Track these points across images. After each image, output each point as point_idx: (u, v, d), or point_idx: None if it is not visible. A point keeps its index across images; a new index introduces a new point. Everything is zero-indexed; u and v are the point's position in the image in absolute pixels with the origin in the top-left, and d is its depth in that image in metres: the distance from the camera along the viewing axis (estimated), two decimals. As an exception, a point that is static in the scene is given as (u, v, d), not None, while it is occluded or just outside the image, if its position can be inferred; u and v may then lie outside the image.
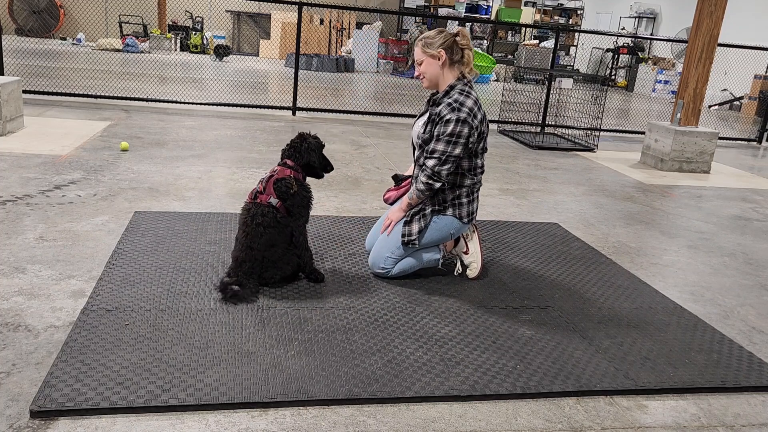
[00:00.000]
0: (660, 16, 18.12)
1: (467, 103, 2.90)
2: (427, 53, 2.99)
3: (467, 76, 3.02)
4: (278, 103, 8.69)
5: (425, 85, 3.06)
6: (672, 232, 4.41)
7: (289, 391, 2.10)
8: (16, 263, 2.93)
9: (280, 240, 2.84)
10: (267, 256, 2.81)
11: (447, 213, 3.06)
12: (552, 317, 2.84)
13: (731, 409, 2.28)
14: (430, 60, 2.98)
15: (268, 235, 2.79)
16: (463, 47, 2.99)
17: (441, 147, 2.88)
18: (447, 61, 2.98)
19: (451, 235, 3.12)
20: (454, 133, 2.86)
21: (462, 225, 3.10)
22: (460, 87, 2.97)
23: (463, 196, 3.06)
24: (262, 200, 2.84)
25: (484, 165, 3.08)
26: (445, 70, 2.99)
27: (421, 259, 3.12)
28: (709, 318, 3.03)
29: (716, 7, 6.30)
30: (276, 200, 2.83)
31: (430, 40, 2.99)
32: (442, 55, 2.96)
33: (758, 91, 13.66)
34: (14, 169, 4.42)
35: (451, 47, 2.97)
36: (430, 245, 3.12)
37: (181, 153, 5.39)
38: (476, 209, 3.15)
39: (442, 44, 2.96)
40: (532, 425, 2.07)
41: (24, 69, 9.91)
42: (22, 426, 1.86)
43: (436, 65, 2.98)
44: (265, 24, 18.91)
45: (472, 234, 3.26)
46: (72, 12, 17.78)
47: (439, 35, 2.99)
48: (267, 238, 2.79)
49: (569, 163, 6.59)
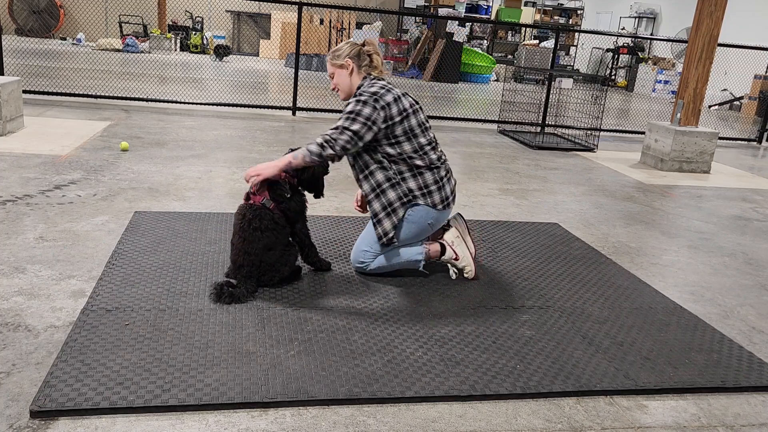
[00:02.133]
0: (660, 16, 18.12)
1: (370, 90, 2.93)
2: (335, 65, 3.04)
3: (377, 74, 3.06)
4: (278, 103, 8.69)
5: (342, 97, 3.09)
6: (672, 232, 4.41)
7: (289, 391, 2.10)
8: (16, 263, 2.93)
9: (278, 242, 2.84)
10: (265, 259, 2.81)
11: (419, 203, 3.01)
12: (552, 317, 2.84)
13: (731, 409, 2.28)
14: (340, 71, 3.04)
15: (266, 239, 2.79)
16: (369, 53, 3.04)
17: (340, 122, 2.89)
18: (354, 69, 3.03)
19: (430, 225, 3.07)
20: (353, 111, 2.88)
21: (439, 213, 3.05)
22: (366, 82, 3.01)
23: (431, 184, 3.01)
24: (255, 201, 2.83)
25: (434, 145, 3.04)
26: (354, 77, 3.04)
27: (401, 258, 3.09)
28: (709, 318, 3.03)
29: (716, 7, 6.30)
30: (270, 202, 2.84)
31: (338, 52, 3.04)
32: (349, 64, 3.01)
33: (758, 91, 13.66)
34: (14, 169, 4.42)
35: (357, 55, 3.02)
36: (410, 240, 3.08)
37: (181, 153, 5.39)
38: (450, 194, 3.09)
39: (349, 54, 3.01)
40: (532, 425, 2.07)
41: (24, 69, 9.91)
42: (22, 426, 1.86)
43: (346, 75, 3.03)
44: (265, 24, 18.92)
45: (457, 238, 3.21)
46: (72, 12, 17.78)
47: (345, 46, 3.05)
48: (265, 243, 2.79)
49: (569, 163, 6.59)
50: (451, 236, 3.23)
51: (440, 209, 3.05)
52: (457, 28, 16.46)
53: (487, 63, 15.99)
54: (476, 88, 14.28)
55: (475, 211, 4.48)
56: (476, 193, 4.99)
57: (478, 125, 8.72)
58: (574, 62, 20.07)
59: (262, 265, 2.81)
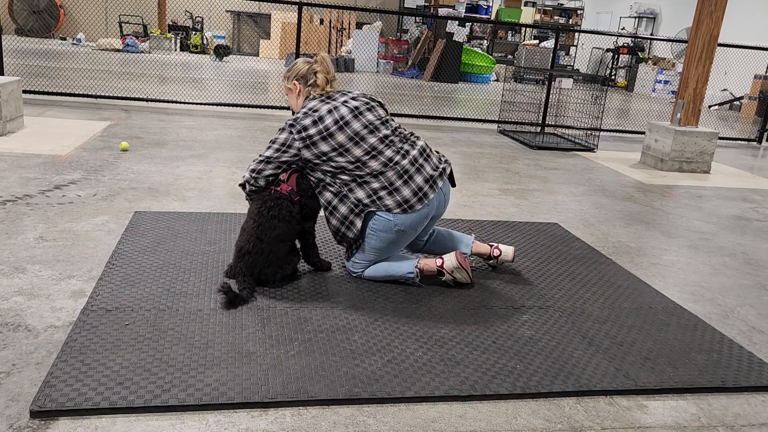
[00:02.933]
0: (660, 16, 18.12)
1: (297, 114, 2.95)
2: (286, 87, 3.11)
3: (325, 92, 3.04)
4: (278, 103, 8.69)
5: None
6: (672, 232, 4.41)
7: (289, 391, 2.10)
8: (16, 263, 2.93)
9: (290, 236, 2.83)
10: (274, 250, 2.79)
11: (377, 214, 2.88)
12: (552, 317, 2.84)
13: (731, 409, 2.28)
14: (289, 93, 3.10)
15: (281, 229, 2.77)
16: (315, 71, 3.03)
17: (266, 151, 2.93)
18: (301, 90, 3.06)
19: (400, 231, 2.91)
20: (274, 139, 2.92)
21: (406, 216, 2.88)
22: (304, 104, 3.02)
23: (379, 189, 2.87)
24: (283, 189, 2.81)
25: (376, 153, 2.88)
26: (300, 98, 3.07)
27: (390, 272, 3.00)
28: (709, 318, 3.03)
29: (716, 7, 6.30)
30: (296, 194, 2.82)
31: (288, 73, 3.08)
32: (296, 86, 3.06)
33: (758, 91, 13.66)
34: (14, 169, 4.42)
35: (304, 76, 3.04)
36: (388, 249, 2.97)
37: (181, 153, 5.39)
38: (412, 195, 2.90)
39: (296, 75, 3.05)
40: (532, 425, 2.07)
41: (24, 69, 9.91)
42: (22, 426, 1.86)
43: (294, 96, 3.08)
44: (265, 24, 18.92)
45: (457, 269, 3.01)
46: (72, 12, 17.78)
47: (296, 65, 3.07)
48: (279, 233, 2.77)
49: (569, 163, 6.59)
50: (450, 265, 3.02)
51: (398, 212, 2.87)
52: (457, 28, 16.46)
53: (487, 63, 15.99)
54: (476, 88, 14.28)
55: (475, 211, 4.48)
56: (476, 193, 4.99)
57: (478, 125, 8.72)
58: (574, 62, 20.07)
59: (270, 256, 2.77)
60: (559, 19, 20.97)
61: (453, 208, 4.48)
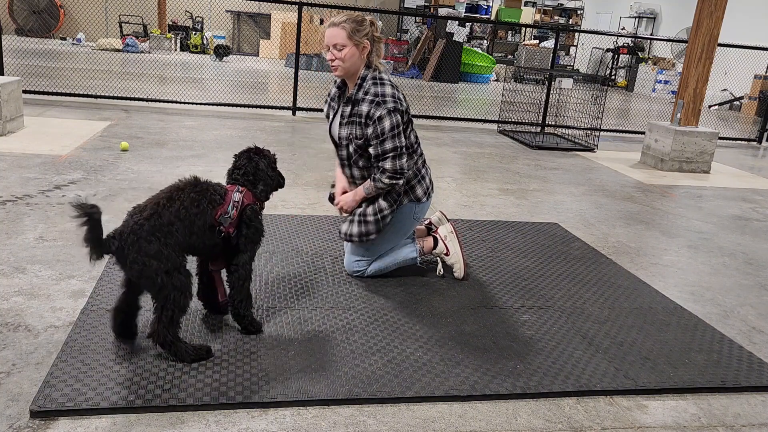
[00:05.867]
0: (660, 16, 18.12)
1: (387, 92, 2.78)
2: (353, 40, 2.75)
3: (376, 64, 2.88)
4: (278, 103, 8.69)
5: (339, 73, 2.81)
6: (672, 232, 4.41)
7: (289, 391, 2.10)
8: (16, 263, 2.93)
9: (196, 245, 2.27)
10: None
11: (404, 202, 2.97)
12: (552, 317, 2.84)
13: (731, 409, 2.28)
14: (354, 50, 2.77)
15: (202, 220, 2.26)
16: (378, 39, 2.86)
17: (389, 145, 2.77)
18: (370, 53, 2.82)
19: (416, 219, 3.03)
20: (393, 126, 2.75)
21: (422, 205, 3.02)
22: (371, 76, 2.82)
23: (412, 178, 2.97)
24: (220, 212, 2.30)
25: (417, 137, 2.98)
26: (362, 62, 2.82)
27: (396, 259, 3.07)
28: (709, 318, 3.03)
29: (716, 7, 6.30)
30: (231, 216, 2.32)
31: (359, 26, 2.76)
32: (367, 46, 2.80)
33: (758, 91, 13.66)
34: (14, 169, 4.42)
35: (372, 39, 2.81)
36: (399, 238, 3.06)
37: (181, 153, 5.39)
38: (430, 183, 3.04)
39: (367, 34, 2.79)
40: (532, 425, 2.07)
41: (24, 69, 9.91)
42: (22, 426, 1.86)
43: (358, 56, 2.79)
44: (265, 24, 18.91)
45: (450, 234, 3.20)
46: (72, 12, 17.78)
47: (365, 23, 2.79)
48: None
49: (569, 163, 6.59)
50: (444, 231, 3.22)
51: (424, 201, 3.02)
52: (457, 28, 16.45)
53: (487, 63, 15.99)
54: (476, 88, 14.28)
55: (475, 211, 4.48)
56: (476, 193, 4.99)
57: (478, 125, 8.72)
58: (574, 62, 20.07)
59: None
60: (559, 19, 20.96)
61: (453, 208, 4.48)
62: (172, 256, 2.12)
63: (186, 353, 2.19)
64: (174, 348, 2.17)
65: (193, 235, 2.21)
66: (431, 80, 15.07)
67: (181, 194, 2.23)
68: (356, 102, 2.82)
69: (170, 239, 2.13)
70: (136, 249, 2.07)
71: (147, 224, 2.10)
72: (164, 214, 2.14)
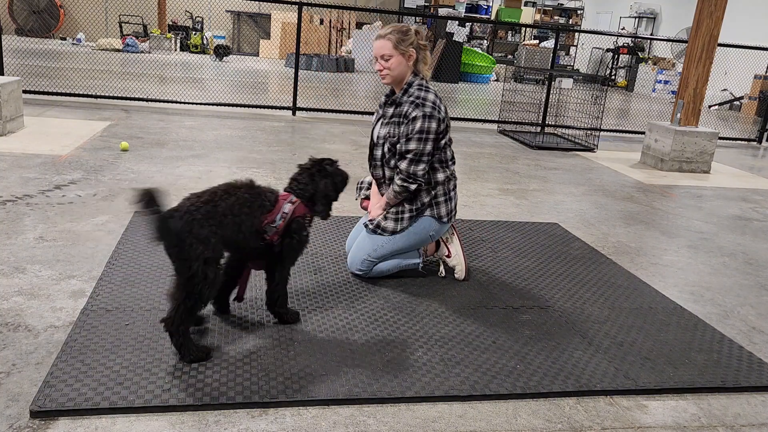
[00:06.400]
0: (660, 16, 18.12)
1: (429, 98, 2.88)
2: (399, 50, 2.88)
3: (423, 73, 2.99)
4: (278, 103, 8.69)
5: (387, 81, 2.95)
6: (672, 232, 4.41)
7: (289, 391, 2.10)
8: (16, 263, 2.93)
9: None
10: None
11: (425, 214, 3.02)
12: (552, 317, 2.84)
13: (731, 409, 2.28)
14: (401, 58, 2.89)
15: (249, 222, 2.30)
16: (423, 47, 2.98)
17: (413, 146, 2.85)
18: (416, 60, 2.95)
19: (431, 236, 3.07)
20: (423, 129, 2.83)
21: (441, 225, 3.07)
22: (417, 83, 2.94)
23: (440, 195, 3.02)
24: (268, 220, 2.35)
25: (453, 155, 3.07)
26: (408, 70, 2.95)
27: (400, 263, 3.09)
28: (709, 318, 3.03)
29: (716, 7, 6.30)
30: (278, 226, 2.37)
31: (404, 36, 2.89)
32: (413, 54, 2.91)
33: (758, 91, 13.66)
34: (14, 169, 4.42)
35: (418, 47, 2.94)
36: (410, 249, 3.08)
37: (181, 153, 5.39)
38: (455, 207, 3.10)
39: (412, 43, 2.91)
40: (532, 425, 2.07)
41: (24, 69, 9.91)
42: (22, 426, 1.86)
43: (406, 64, 2.92)
44: (265, 24, 18.91)
45: (451, 236, 3.22)
46: (72, 12, 17.78)
47: (409, 33, 2.92)
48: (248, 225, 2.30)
49: (569, 163, 6.59)
50: (446, 232, 3.24)
51: (444, 222, 3.07)
52: (457, 28, 16.46)
53: (487, 63, 15.99)
54: (476, 88, 14.28)
55: (475, 211, 4.48)
56: (476, 193, 4.99)
57: (478, 125, 8.72)
58: (574, 62, 20.07)
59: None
60: (559, 19, 20.96)
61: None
62: (217, 246, 2.16)
63: (187, 351, 2.19)
64: (180, 341, 2.18)
65: (240, 234, 2.25)
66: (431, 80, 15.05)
67: (237, 191, 2.28)
68: (399, 104, 2.94)
69: (220, 230, 2.16)
70: (188, 228, 2.09)
71: (204, 208, 2.15)
72: (220, 205, 2.18)
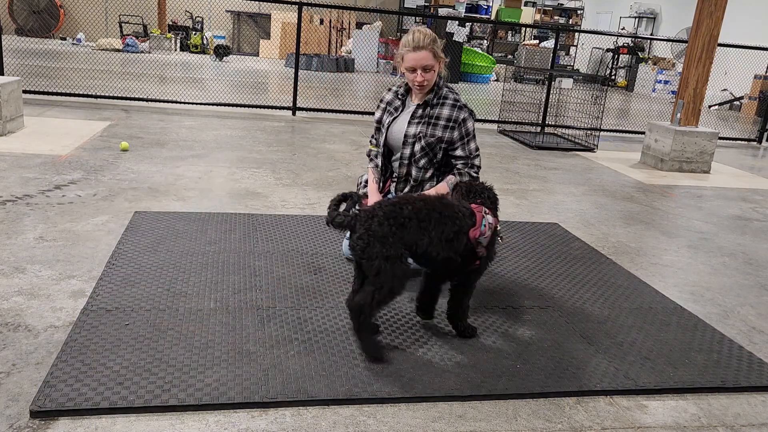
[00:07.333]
0: (660, 16, 18.12)
1: (461, 98, 3.06)
2: (437, 58, 2.92)
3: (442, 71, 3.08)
4: (278, 103, 8.69)
5: (425, 90, 3.00)
6: (672, 232, 4.41)
7: (289, 391, 2.10)
8: (16, 263, 2.93)
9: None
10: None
11: None
12: (552, 317, 2.84)
13: (731, 409, 2.28)
14: (438, 66, 2.95)
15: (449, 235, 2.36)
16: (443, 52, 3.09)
17: (474, 144, 3.03)
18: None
19: None
20: (473, 127, 3.03)
21: None
22: (443, 84, 3.07)
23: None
24: (478, 231, 2.39)
25: None
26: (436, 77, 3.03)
27: None
28: (709, 318, 3.03)
29: (716, 7, 6.30)
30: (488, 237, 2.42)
31: (437, 44, 2.93)
32: (444, 58, 3.01)
33: (758, 91, 13.66)
34: (14, 169, 4.42)
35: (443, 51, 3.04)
36: None
37: (181, 153, 5.39)
38: None
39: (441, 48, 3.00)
40: (532, 425, 2.07)
41: (24, 69, 9.91)
42: (22, 426, 1.86)
43: (436, 71, 2.98)
44: (265, 24, 18.91)
45: None
46: (72, 12, 17.78)
47: (437, 38, 2.97)
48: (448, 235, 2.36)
49: (569, 163, 6.59)
50: None
51: None
52: (457, 28, 16.46)
53: (487, 63, 15.99)
54: (476, 88, 14.28)
55: (475, 211, 4.48)
56: (476, 193, 4.99)
57: (478, 125, 8.71)
58: (574, 62, 20.07)
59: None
60: (559, 19, 20.96)
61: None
62: (396, 245, 2.23)
63: (368, 345, 2.32)
64: (361, 325, 2.27)
65: (432, 241, 2.30)
66: (431, 80, 15.05)
67: (429, 200, 2.37)
68: (432, 105, 3.02)
69: (400, 232, 2.25)
70: (366, 226, 2.22)
71: (386, 209, 2.26)
72: (405, 208, 2.29)
